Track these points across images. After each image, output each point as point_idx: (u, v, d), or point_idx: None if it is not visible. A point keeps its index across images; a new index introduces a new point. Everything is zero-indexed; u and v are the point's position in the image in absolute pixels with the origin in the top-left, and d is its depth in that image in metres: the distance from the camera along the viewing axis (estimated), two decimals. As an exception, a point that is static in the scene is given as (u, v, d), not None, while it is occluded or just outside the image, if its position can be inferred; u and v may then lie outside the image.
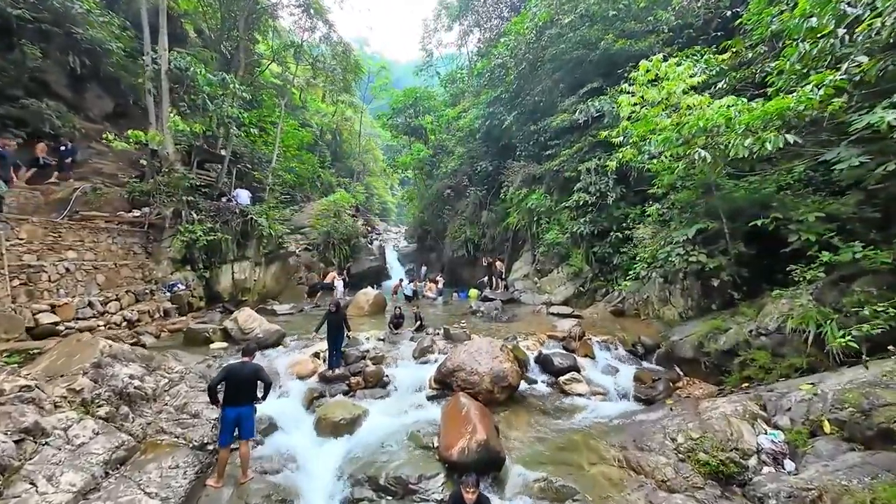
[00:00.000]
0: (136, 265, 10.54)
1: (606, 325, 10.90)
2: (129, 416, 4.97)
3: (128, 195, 11.51)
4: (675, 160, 7.89)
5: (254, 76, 18.06)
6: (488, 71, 17.94)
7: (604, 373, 8.12)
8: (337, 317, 7.57)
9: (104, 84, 14.93)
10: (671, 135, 6.60)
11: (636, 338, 9.10)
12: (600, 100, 11.75)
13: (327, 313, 7.66)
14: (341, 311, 7.76)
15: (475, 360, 7.23)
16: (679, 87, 7.00)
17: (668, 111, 7.25)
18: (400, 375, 7.69)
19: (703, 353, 7.10)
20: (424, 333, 9.79)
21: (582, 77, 13.74)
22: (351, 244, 22.12)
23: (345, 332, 7.78)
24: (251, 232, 13.71)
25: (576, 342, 8.91)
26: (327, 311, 7.67)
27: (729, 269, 7.55)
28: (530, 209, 15.40)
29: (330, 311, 7.59)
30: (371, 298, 12.65)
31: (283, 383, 7.07)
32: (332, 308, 7.61)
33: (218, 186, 14.20)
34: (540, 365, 8.23)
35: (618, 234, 12.05)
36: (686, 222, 8.49)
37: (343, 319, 7.76)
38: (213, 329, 8.60)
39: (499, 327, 10.41)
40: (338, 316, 7.59)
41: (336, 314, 7.57)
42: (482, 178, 20.34)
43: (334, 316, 7.57)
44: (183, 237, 11.31)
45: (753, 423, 4.66)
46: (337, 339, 7.46)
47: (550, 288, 15.02)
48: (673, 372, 7.68)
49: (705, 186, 8.48)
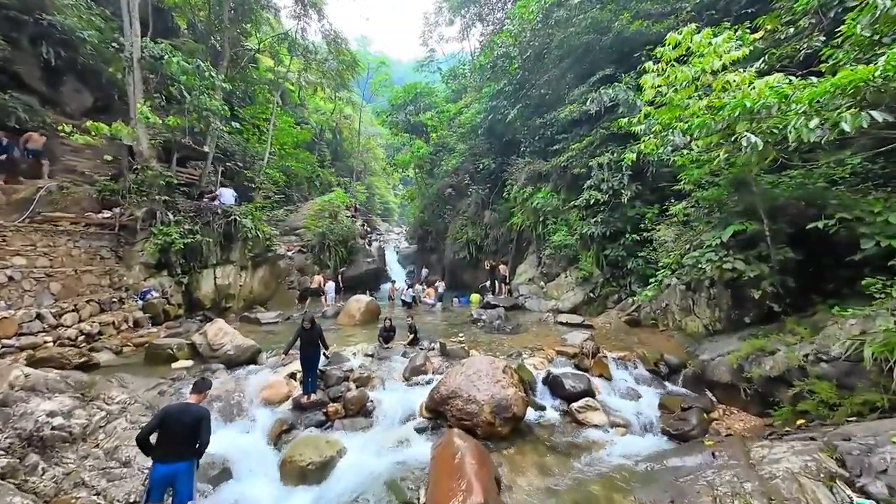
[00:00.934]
0: (103, 271, 9.61)
1: (621, 337, 9.80)
2: (38, 467, 3.98)
3: (98, 194, 10.60)
4: (707, 151, 6.79)
5: (240, 67, 17.01)
6: (490, 62, 16.86)
7: (623, 397, 7.03)
8: (311, 334, 6.48)
9: (83, 77, 14.05)
10: (707, 119, 5.50)
11: (658, 355, 7.99)
12: (614, 87, 10.62)
13: (300, 330, 6.55)
14: (317, 327, 6.63)
15: (473, 384, 6.18)
16: (715, 62, 5.90)
17: (700, 92, 6.15)
18: (387, 401, 6.65)
19: (744, 378, 5.99)
20: (418, 348, 8.75)
21: (593, 65, 12.62)
22: (348, 246, 21.16)
23: (321, 352, 6.73)
24: (235, 234, 12.75)
25: (589, 360, 7.82)
26: (300, 326, 6.57)
27: (771, 277, 6.43)
28: (536, 208, 14.33)
29: (303, 328, 6.49)
30: (363, 306, 11.64)
31: (248, 412, 6.07)
32: (306, 323, 6.49)
33: (200, 185, 13.26)
34: (549, 387, 7.16)
35: (633, 235, 10.93)
36: (717, 223, 7.38)
37: (319, 336, 6.65)
38: (178, 345, 7.62)
39: (501, 340, 9.34)
40: (312, 333, 6.50)
41: (310, 331, 6.47)
42: (485, 177, 19.28)
43: (308, 333, 6.47)
44: (157, 240, 10.37)
45: (832, 487, 3.57)
46: (311, 361, 6.43)
47: (557, 293, 13.94)
48: (704, 398, 6.58)
49: (738, 182, 7.37)
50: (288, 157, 23.49)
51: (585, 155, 12.35)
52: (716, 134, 6.08)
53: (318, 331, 6.65)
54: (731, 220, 7.12)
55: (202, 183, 13.33)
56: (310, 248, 19.22)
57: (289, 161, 23.82)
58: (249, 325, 11.37)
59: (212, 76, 10.55)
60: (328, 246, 19.71)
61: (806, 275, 6.60)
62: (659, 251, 9.06)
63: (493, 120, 17.51)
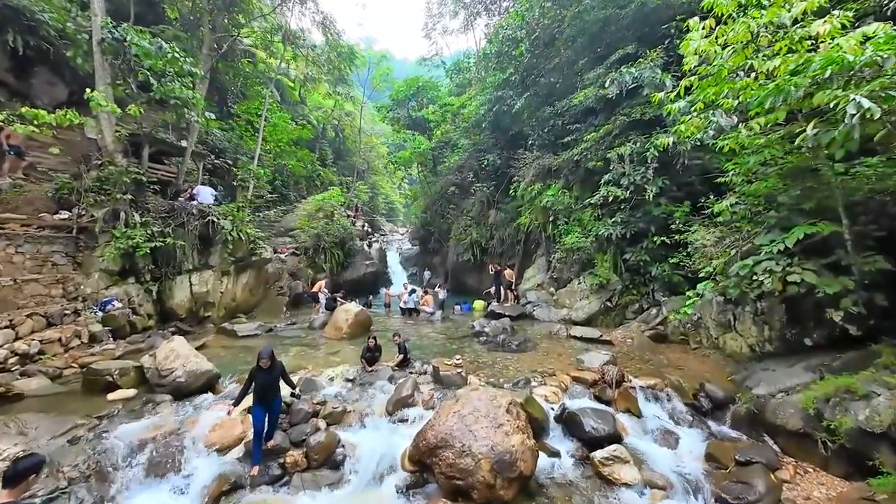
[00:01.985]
0: (54, 279, 8.50)
1: (647, 356, 8.38)
2: None
3: (55, 193, 9.51)
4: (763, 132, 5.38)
5: (225, 56, 15.87)
6: (496, 49, 15.49)
7: (657, 441, 5.65)
8: (270, 375, 5.07)
9: (56, 68, 13.08)
10: (786, 85, 4.09)
11: (696, 384, 6.57)
12: (638, 65, 9.17)
13: (256, 369, 5.05)
14: (278, 365, 5.21)
15: (469, 429, 4.86)
16: (783, 14, 4.49)
17: (761, 55, 4.74)
18: (363, 445, 5.37)
19: (824, 427, 4.57)
20: (408, 371, 7.45)
21: (610, 45, 11.19)
22: (345, 248, 19.99)
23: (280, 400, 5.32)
24: (214, 236, 11.59)
25: (612, 390, 6.44)
26: (256, 365, 5.06)
27: (856, 294, 4.99)
28: (545, 207, 12.96)
29: (259, 367, 5.02)
30: (351, 317, 10.37)
31: (186, 463, 4.83)
32: (264, 361, 5.00)
33: (177, 183, 12.15)
34: (564, 426, 5.81)
35: (659, 237, 9.48)
36: (774, 224, 5.94)
37: (281, 375, 5.29)
38: (121, 369, 6.42)
39: (506, 361, 7.99)
40: (272, 373, 5.08)
41: (269, 371, 5.04)
42: (490, 174, 17.95)
43: (267, 374, 5.03)
44: (119, 244, 9.23)
45: None
46: (271, 408, 5.08)
47: (570, 301, 12.55)
48: (765, 448, 5.16)
49: (798, 173, 5.93)
50: (285, 154, 22.38)
51: (602, 146, 10.94)
52: (782, 108, 4.68)
53: (279, 369, 5.24)
54: (793, 221, 5.70)
55: (179, 181, 12.19)
56: (304, 251, 18.04)
57: (286, 159, 22.73)
58: (226, 337, 10.20)
59: (177, 58, 9.35)
60: (323, 248, 18.55)
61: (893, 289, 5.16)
62: (695, 257, 7.62)
63: (499, 112, 16.14)
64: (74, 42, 10.05)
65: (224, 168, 18.14)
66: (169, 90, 9.60)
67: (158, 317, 10.69)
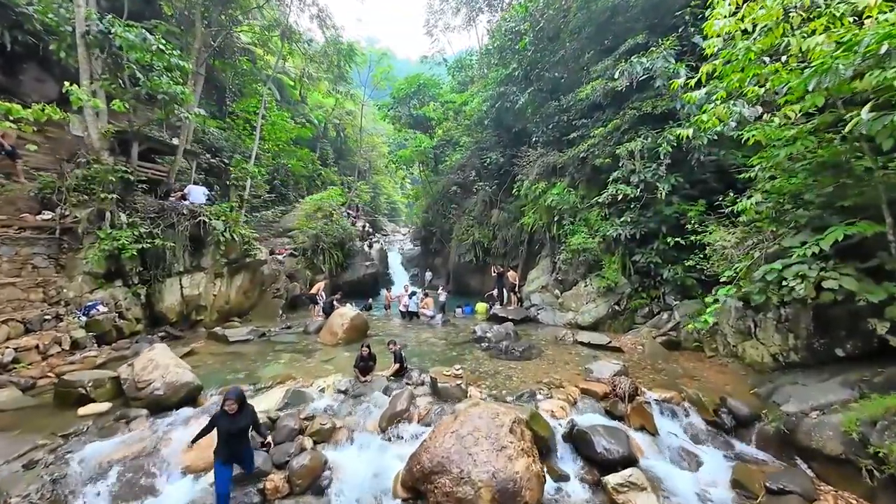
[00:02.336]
0: (34, 283, 8.11)
1: (659, 365, 7.86)
2: None
3: (38, 192, 9.13)
4: (803, 119, 4.86)
5: (219, 51, 15.48)
6: (498, 41, 14.98)
7: (676, 462, 5.13)
8: (237, 422, 4.16)
9: (46, 65, 12.75)
10: (830, 64, 3.58)
11: (716, 397, 6.04)
12: (650, 55, 8.63)
13: (220, 414, 4.15)
14: (247, 411, 4.32)
15: (468, 452, 4.38)
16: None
17: (802, 30, 4.22)
18: (352, 466, 4.90)
19: (870, 454, 4.04)
20: (404, 382, 6.98)
21: (619, 35, 10.66)
22: (345, 248, 19.58)
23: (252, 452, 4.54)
24: (206, 237, 11.18)
25: (625, 404, 5.94)
26: (220, 409, 4.16)
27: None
28: (550, 206, 12.46)
29: (223, 412, 4.10)
30: (347, 322, 9.90)
31: (159, 487, 4.38)
32: (229, 405, 4.08)
33: (168, 182, 11.75)
34: (573, 445, 5.31)
35: (673, 238, 8.95)
36: (805, 223, 5.41)
37: (252, 423, 4.42)
38: (96, 380, 5.97)
39: (510, 371, 7.50)
40: (239, 420, 4.17)
41: (236, 417, 4.13)
42: (492, 172, 17.47)
43: (233, 421, 4.12)
44: (103, 245, 8.83)
45: None
46: (241, 462, 4.40)
47: (576, 305, 12.02)
48: (798, 473, 4.62)
49: (831, 167, 5.39)
50: (284, 154, 22.00)
51: (610, 142, 10.41)
52: (818, 94, 4.16)
53: (250, 415, 4.38)
54: (826, 220, 5.16)
55: (171, 180, 11.79)
56: (302, 252, 17.62)
57: (286, 158, 22.34)
58: (216, 343, 9.76)
59: (162, 50, 8.92)
60: (322, 249, 18.13)
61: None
62: (713, 259, 7.08)
63: (501, 108, 15.64)
64: (58, 35, 9.64)
65: (221, 167, 17.75)
66: (156, 85, 9.19)
67: (147, 321, 10.29)
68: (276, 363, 8.10)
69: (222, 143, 19.25)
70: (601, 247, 11.09)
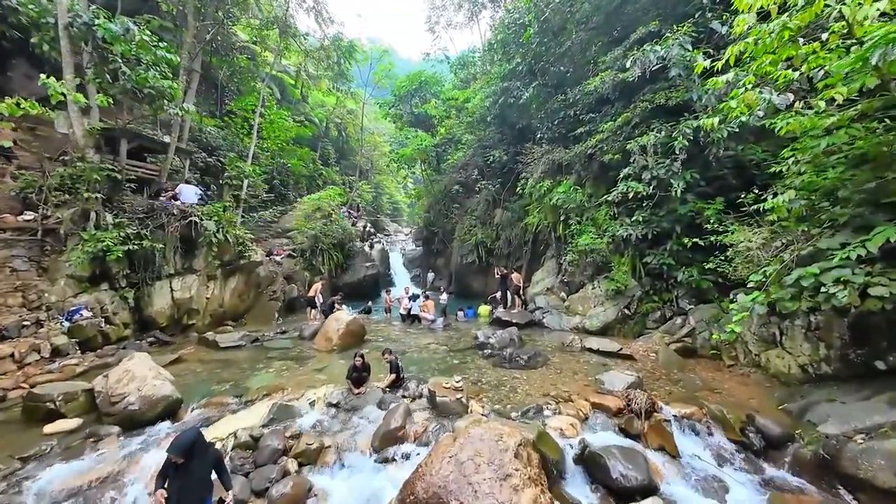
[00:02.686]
0: (12, 287, 7.72)
1: (675, 375, 7.31)
2: None
3: (18, 192, 8.74)
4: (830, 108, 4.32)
5: (216, 48, 15.07)
6: (501, 35, 14.46)
7: (700, 490, 4.59)
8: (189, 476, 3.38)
9: (36, 61, 12.37)
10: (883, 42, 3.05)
11: (741, 414, 5.50)
12: (664, 42, 8.07)
13: (168, 464, 3.39)
14: (210, 457, 3.62)
15: (468, 482, 3.87)
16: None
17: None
18: (339, 495, 4.42)
19: (932, 489, 3.51)
20: (400, 393, 6.49)
21: (628, 24, 10.10)
22: (344, 249, 19.14)
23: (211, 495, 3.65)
24: (198, 238, 10.76)
25: (641, 422, 5.40)
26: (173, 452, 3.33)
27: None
28: (555, 205, 11.94)
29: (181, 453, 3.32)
30: (343, 327, 9.43)
31: (120, 520, 3.92)
32: (184, 447, 3.34)
33: (159, 182, 11.34)
34: (585, 468, 4.79)
35: (689, 238, 8.39)
36: (845, 223, 4.86)
37: (214, 470, 3.67)
38: (67, 394, 5.54)
39: (514, 382, 6.98)
40: (191, 474, 3.39)
41: (188, 469, 3.36)
42: (496, 171, 16.96)
43: (185, 474, 3.36)
44: (87, 247, 8.42)
45: None
46: None
47: (583, 308, 11.47)
48: None
49: (874, 160, 4.83)
50: (284, 153, 21.60)
51: (620, 137, 9.87)
52: (870, 75, 3.62)
53: (210, 463, 3.61)
54: (869, 220, 4.61)
55: (162, 179, 11.39)
56: (300, 253, 17.19)
57: (286, 157, 21.95)
58: (206, 349, 9.34)
59: (146, 41, 8.49)
60: (321, 249, 17.69)
61: None
62: (736, 262, 6.52)
63: (505, 105, 15.12)
64: (39, 27, 9.24)
65: (218, 167, 17.38)
66: (142, 79, 8.76)
67: (136, 326, 9.89)
68: (267, 372, 7.66)
69: (220, 141, 18.88)
70: (610, 247, 10.56)
